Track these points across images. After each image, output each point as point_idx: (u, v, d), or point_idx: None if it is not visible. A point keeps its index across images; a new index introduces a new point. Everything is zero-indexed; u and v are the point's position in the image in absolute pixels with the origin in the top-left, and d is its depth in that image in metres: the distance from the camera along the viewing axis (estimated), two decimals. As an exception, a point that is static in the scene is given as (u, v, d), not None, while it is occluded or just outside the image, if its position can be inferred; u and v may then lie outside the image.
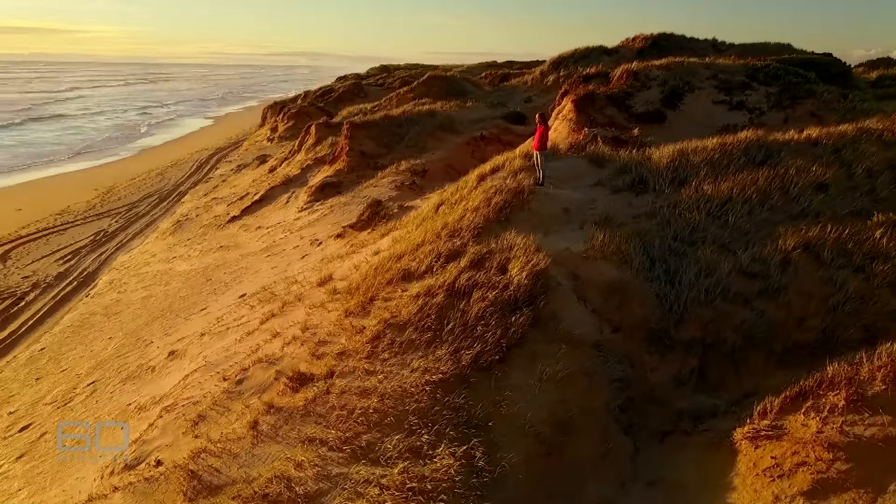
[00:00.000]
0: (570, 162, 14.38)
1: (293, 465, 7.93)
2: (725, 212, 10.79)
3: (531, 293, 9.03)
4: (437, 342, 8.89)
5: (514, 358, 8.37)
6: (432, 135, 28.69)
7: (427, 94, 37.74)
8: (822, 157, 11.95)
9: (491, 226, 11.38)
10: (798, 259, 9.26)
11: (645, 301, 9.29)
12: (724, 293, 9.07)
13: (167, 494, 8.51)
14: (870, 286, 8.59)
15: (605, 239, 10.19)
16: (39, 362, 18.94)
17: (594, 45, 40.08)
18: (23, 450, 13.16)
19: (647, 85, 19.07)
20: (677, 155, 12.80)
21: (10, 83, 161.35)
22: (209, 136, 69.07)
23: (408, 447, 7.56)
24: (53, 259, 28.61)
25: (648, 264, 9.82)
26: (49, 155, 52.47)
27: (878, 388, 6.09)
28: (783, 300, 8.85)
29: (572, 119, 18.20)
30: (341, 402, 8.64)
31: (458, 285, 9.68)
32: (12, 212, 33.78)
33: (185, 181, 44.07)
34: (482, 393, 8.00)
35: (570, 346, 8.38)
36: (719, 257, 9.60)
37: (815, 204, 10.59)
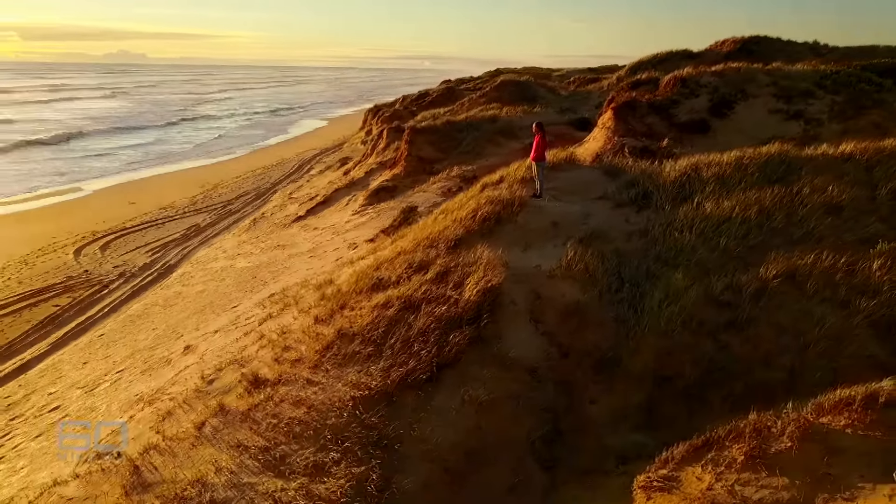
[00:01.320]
0: (583, 173, 13.71)
1: (213, 470, 7.98)
2: (720, 233, 9.89)
3: (478, 311, 8.65)
4: (376, 356, 8.69)
5: (444, 378, 8.04)
6: (491, 140, 28.36)
7: (498, 99, 37.37)
8: (847, 175, 10.71)
9: (472, 238, 11.02)
10: (777, 289, 8.31)
11: (602, 326, 8.66)
12: (686, 322, 8.28)
13: (111, 486, 8.78)
14: (849, 325, 7.56)
15: (575, 257, 9.59)
16: (93, 347, 20.13)
17: (678, 49, 38.24)
18: (43, 430, 14.02)
19: (696, 92, 17.89)
20: (689, 169, 11.89)
21: (168, 85, 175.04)
22: (319, 137, 71.55)
23: (314, 463, 7.42)
24: (144, 251, 30.48)
25: (617, 286, 9.15)
26: (179, 152, 56.35)
27: (783, 446, 5.32)
28: (751, 334, 7.96)
29: (610, 128, 17.39)
30: (276, 411, 8.62)
31: (414, 298, 9.43)
32: (126, 204, 35.90)
33: (282, 180, 45.71)
34: (401, 413, 7.72)
35: (502, 370, 7.95)
36: (692, 283, 8.78)
37: (821, 228, 9.48)
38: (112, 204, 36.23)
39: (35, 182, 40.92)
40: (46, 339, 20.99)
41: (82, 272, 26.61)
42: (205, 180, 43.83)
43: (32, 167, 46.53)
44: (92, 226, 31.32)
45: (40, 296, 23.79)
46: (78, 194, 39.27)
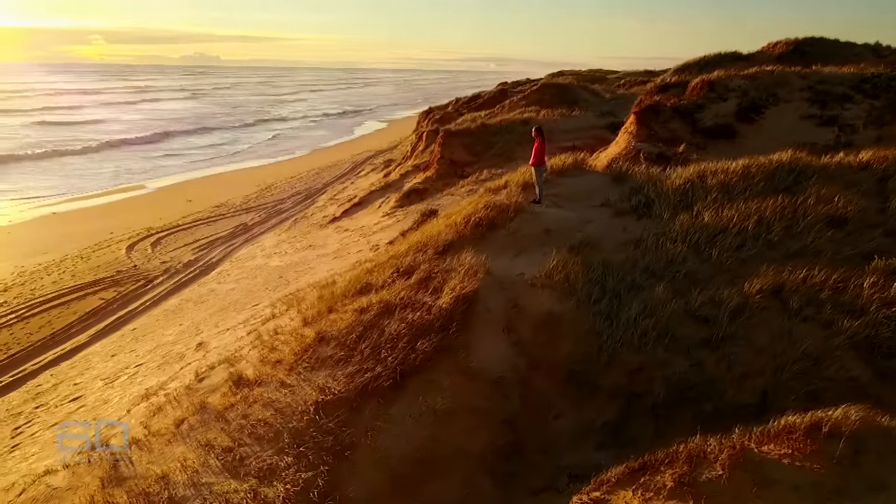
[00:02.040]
0: (590, 179, 13.37)
1: (179, 468, 8.10)
2: (713, 244, 9.46)
3: (449, 319, 8.52)
4: (346, 361, 8.66)
5: (407, 386, 7.94)
6: (523, 143, 27.96)
7: (539, 102, 36.94)
8: (859, 185, 10.10)
9: (463, 243, 10.89)
10: (758, 305, 7.88)
11: (576, 338, 8.38)
12: (661, 337, 7.94)
13: (91, 478, 9.04)
14: (830, 346, 7.09)
15: (557, 266, 9.33)
16: (125, 340, 20.77)
17: (727, 51, 36.86)
18: (60, 419, 14.55)
19: (724, 97, 17.21)
20: (694, 177, 11.44)
21: (244, 87, 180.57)
22: (377, 138, 72.25)
23: (268, 466, 7.45)
24: (191, 247, 31.27)
25: (597, 297, 8.85)
26: (245, 151, 58.05)
27: (714, 474, 5.01)
28: (726, 353, 7.57)
29: (632, 132, 16.94)
30: (247, 412, 8.70)
31: (392, 303, 9.37)
32: (184, 202, 36.82)
33: (333, 181, 46.19)
34: (359, 419, 7.67)
35: (465, 380, 7.80)
36: (672, 296, 8.42)
37: (820, 241, 8.96)
38: (171, 201, 37.33)
39: (110, 180, 42.62)
40: (87, 332, 21.68)
41: (131, 267, 27.39)
42: (261, 179, 44.56)
43: (115, 165, 48.43)
44: (149, 222, 32.22)
45: (89, 289, 24.58)
46: (142, 191, 40.66)
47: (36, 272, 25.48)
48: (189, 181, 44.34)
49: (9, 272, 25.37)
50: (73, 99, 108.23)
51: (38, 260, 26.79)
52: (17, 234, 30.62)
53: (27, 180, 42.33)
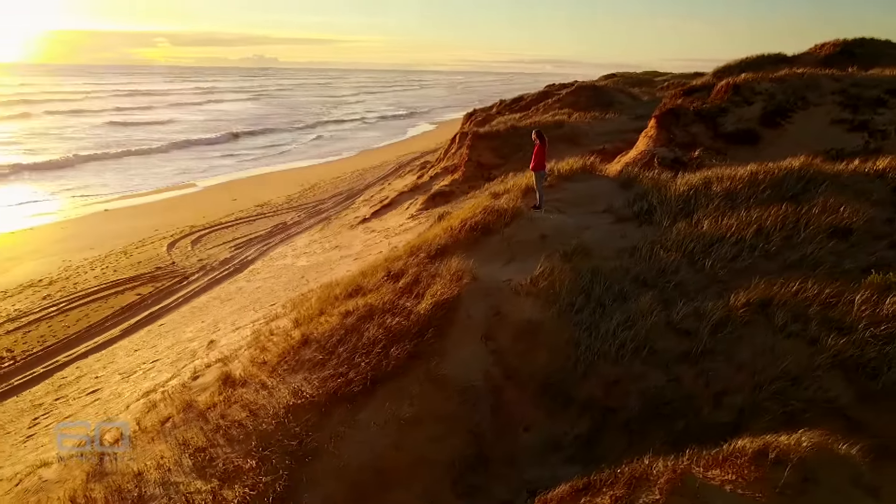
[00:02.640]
0: (597, 184, 13.05)
1: (155, 466, 8.21)
2: (708, 254, 9.09)
3: (426, 325, 8.41)
4: (323, 365, 8.64)
5: (377, 392, 7.86)
6: (551, 146, 27.55)
7: (574, 105, 36.43)
8: (871, 194, 9.57)
9: (456, 247, 10.76)
10: (743, 319, 7.51)
11: (555, 348, 8.16)
12: (639, 350, 7.65)
13: (79, 472, 9.24)
14: (811, 364, 6.70)
15: (544, 273, 9.11)
16: (150, 336, 21.25)
17: (770, 53, 35.63)
18: (75, 411, 14.97)
19: (750, 100, 16.59)
20: (699, 183, 11.04)
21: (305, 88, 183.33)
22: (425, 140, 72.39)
23: (234, 468, 7.47)
24: (229, 246, 31.78)
25: (581, 306, 8.60)
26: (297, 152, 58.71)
27: (651, 498, 4.77)
28: (705, 368, 7.24)
29: (651, 136, 16.50)
30: (226, 412, 8.76)
31: (376, 308, 9.32)
32: (229, 201, 37.35)
33: (376, 182, 46.43)
34: (326, 425, 7.62)
35: (434, 388, 7.66)
36: (656, 307, 8.12)
37: (820, 252, 8.51)
38: (217, 200, 37.93)
39: (167, 179, 43.60)
40: (119, 326, 22.20)
41: (169, 264, 27.94)
42: (306, 180, 44.88)
43: (176, 165, 49.46)
44: (192, 220, 32.78)
45: (127, 284, 25.17)
46: (192, 190, 41.46)
47: (81, 267, 26.12)
48: (237, 180, 44.99)
49: (56, 266, 26.07)
50: (141, 100, 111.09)
51: (84, 255, 27.47)
52: (71, 230, 31.51)
53: (91, 178, 43.50)
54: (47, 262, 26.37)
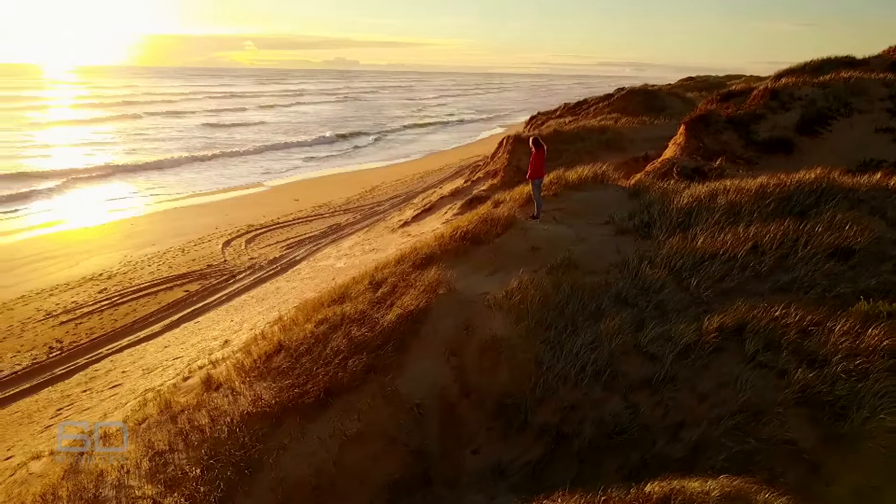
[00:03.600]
0: (606, 193, 12.49)
1: (117, 467, 8.29)
2: (696, 272, 8.51)
3: (388, 337, 8.18)
4: (288, 373, 8.54)
5: (332, 404, 7.69)
6: (592, 152, 26.87)
7: (623, 109, 35.38)
8: (886, 210, 8.74)
9: (444, 257, 10.50)
10: (712, 345, 6.94)
11: (518, 366, 7.77)
12: (599, 373, 7.19)
13: (59, 469, 9.47)
14: (775, 399, 6.10)
15: (519, 287, 8.74)
16: (183, 333, 21.68)
17: (837, 56, 33.53)
18: (94, 404, 15.44)
19: (788, 106, 15.58)
20: (705, 195, 10.39)
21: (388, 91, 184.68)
22: (492, 143, 71.77)
23: (181, 475, 7.45)
24: (281, 245, 32.20)
25: (552, 323, 8.18)
26: (366, 154, 58.81)
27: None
28: (666, 397, 6.72)
29: (680, 144, 15.74)
30: (193, 416, 8.77)
31: (348, 317, 9.17)
32: (290, 201, 37.50)
33: (434, 185, 46.23)
34: (275, 436, 7.50)
35: (385, 403, 7.43)
36: (627, 328, 7.63)
37: (814, 274, 7.80)
38: (279, 200, 38.19)
39: (247, 179, 44.49)
40: (162, 322, 22.75)
41: (221, 262, 28.43)
42: (369, 181, 44.72)
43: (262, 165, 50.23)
44: (252, 219, 33.03)
45: (178, 281, 25.75)
46: (259, 189, 41.98)
47: (140, 262, 26.74)
48: (304, 181, 45.29)
49: (117, 261, 26.78)
50: (232, 102, 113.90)
51: (145, 251, 28.19)
52: (139, 227, 32.45)
53: (174, 178, 44.76)
54: (112, 256, 27.13)
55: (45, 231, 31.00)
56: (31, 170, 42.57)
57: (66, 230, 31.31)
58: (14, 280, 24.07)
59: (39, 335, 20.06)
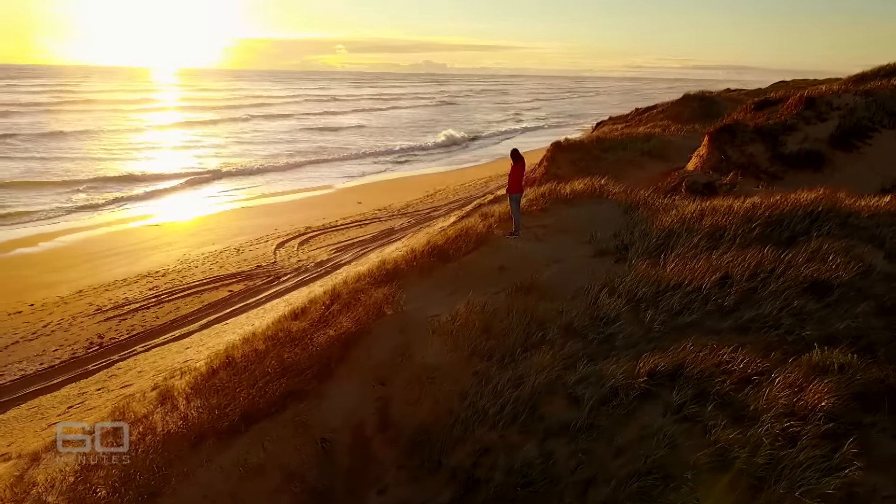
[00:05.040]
0: (599, 209, 11.64)
1: (58, 476, 8.23)
2: (655, 303, 7.69)
3: (316, 361, 7.77)
4: (223, 391, 8.27)
5: (246, 431, 7.36)
6: (633, 161, 25.64)
7: (677, 116, 33.68)
8: (885, 240, 7.65)
9: (407, 274, 10.05)
10: (640, 391, 6.16)
11: (443, 400, 7.19)
12: (519, 414, 6.53)
13: (13, 470, 9.53)
14: (688, 462, 5.29)
15: (464, 312, 8.14)
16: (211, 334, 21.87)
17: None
18: (100, 404, 15.72)
19: (824, 116, 14.20)
20: (692, 215, 9.47)
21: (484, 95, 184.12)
22: None
23: (90, 495, 7.34)
24: (331, 248, 32.17)
25: (489, 353, 7.55)
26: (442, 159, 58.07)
27: None
28: (581, 447, 5.99)
29: (703, 156, 14.65)
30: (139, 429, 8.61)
31: (291, 335, 8.84)
32: (353, 204, 37.28)
33: (495, 190, 45.63)
34: (186, 460, 7.23)
35: (293, 434, 7.02)
36: (559, 364, 6.92)
37: (781, 313, 6.87)
38: (343, 202, 38.10)
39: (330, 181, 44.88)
40: (199, 321, 23.04)
41: (270, 263, 28.59)
42: (434, 185, 44.26)
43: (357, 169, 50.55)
44: (312, 221, 32.95)
45: (225, 281, 25.99)
46: (327, 191, 42.06)
47: (195, 261, 26.91)
48: (371, 183, 45.16)
49: (175, 259, 27.04)
50: (332, 105, 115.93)
51: (203, 250, 28.49)
52: (206, 225, 32.86)
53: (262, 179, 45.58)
54: (171, 254, 27.30)
55: (118, 228, 31.75)
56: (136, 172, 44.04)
57: (137, 227, 32.05)
58: (78, 274, 24.64)
59: (85, 330, 20.36)
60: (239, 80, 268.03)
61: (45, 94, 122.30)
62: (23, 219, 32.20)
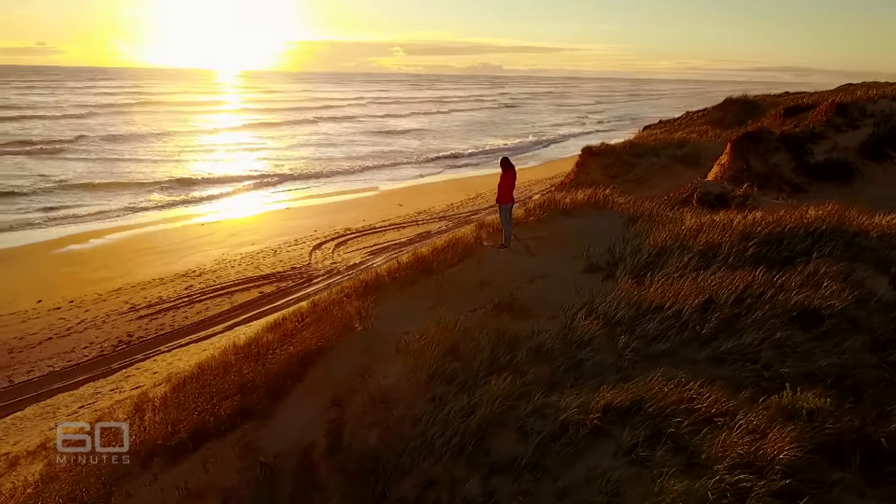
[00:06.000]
0: (602, 220, 11.05)
1: (21, 482, 8.17)
2: (631, 328, 7.12)
3: (272, 378, 7.47)
4: (184, 406, 8.07)
5: (199, 451, 7.09)
6: (665, 167, 24.67)
7: (719, 121, 32.33)
8: (892, 263, 6.90)
9: (388, 287, 9.69)
10: (592, 426, 5.63)
11: (395, 426, 6.78)
12: (466, 447, 6.07)
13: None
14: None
15: (429, 330, 7.72)
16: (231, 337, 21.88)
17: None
18: (110, 405, 15.83)
19: (857, 123, 13.22)
20: (689, 231, 8.83)
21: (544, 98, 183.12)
22: None
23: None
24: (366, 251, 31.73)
25: (450, 377, 7.10)
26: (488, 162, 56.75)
27: None
28: (525, 487, 5.51)
29: (724, 165, 13.86)
30: (107, 437, 8.48)
31: (262, 347, 8.56)
32: (394, 206, 37.12)
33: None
34: (133, 479, 7.02)
35: (238, 455, 6.73)
36: (516, 392, 6.44)
37: (761, 344, 6.23)
38: (385, 204, 37.87)
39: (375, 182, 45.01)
40: (225, 323, 23.10)
41: (305, 265, 28.44)
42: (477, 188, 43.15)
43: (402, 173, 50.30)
44: (351, 223, 32.80)
45: (257, 282, 25.89)
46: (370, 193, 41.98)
47: (232, 261, 26.50)
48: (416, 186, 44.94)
49: (213, 258, 26.71)
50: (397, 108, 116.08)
51: (242, 250, 28.30)
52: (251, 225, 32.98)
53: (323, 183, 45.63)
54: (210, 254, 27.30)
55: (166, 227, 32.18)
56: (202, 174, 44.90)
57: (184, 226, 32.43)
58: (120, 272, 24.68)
59: (116, 328, 20.45)
60: (301, 82, 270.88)
61: (120, 95, 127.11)
62: (86, 218, 32.94)
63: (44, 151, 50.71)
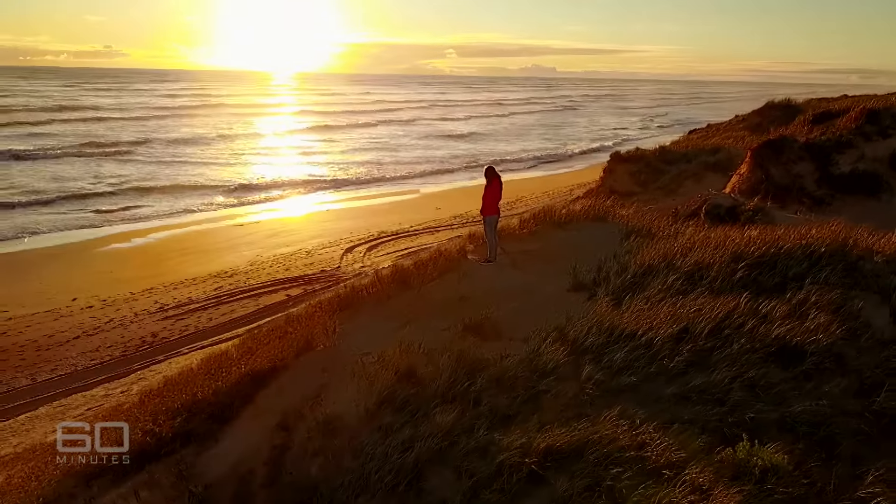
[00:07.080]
0: (599, 233, 10.42)
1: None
2: (598, 357, 6.53)
3: (220, 399, 7.14)
4: (139, 422, 7.79)
5: (134, 471, 6.81)
6: (696, 174, 23.62)
7: (757, 126, 30.84)
8: (892, 290, 6.15)
9: (367, 300, 9.27)
10: (528, 471, 5.09)
11: (333, 458, 6.35)
12: (399, 484, 5.60)
13: None
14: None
15: (391, 353, 7.27)
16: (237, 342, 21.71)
17: None
18: (110, 407, 15.89)
19: (889, 131, 12.20)
20: (680, 250, 8.15)
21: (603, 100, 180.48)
22: None
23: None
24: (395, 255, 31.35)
25: (401, 406, 6.65)
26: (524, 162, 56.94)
27: None
28: (453, 535, 5.02)
29: (743, 174, 13.01)
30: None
31: (223, 364, 8.25)
32: (433, 209, 36.68)
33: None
34: (77, 498, 6.76)
35: (172, 482, 6.38)
36: (462, 426, 5.93)
37: (732, 383, 5.57)
38: (423, 207, 37.53)
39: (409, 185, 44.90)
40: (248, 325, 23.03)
41: (334, 268, 28.21)
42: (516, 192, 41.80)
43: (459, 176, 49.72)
44: (386, 226, 32.48)
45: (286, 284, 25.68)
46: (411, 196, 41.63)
47: (265, 262, 26.30)
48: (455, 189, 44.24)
49: (247, 260, 26.55)
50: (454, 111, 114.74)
51: (276, 251, 27.93)
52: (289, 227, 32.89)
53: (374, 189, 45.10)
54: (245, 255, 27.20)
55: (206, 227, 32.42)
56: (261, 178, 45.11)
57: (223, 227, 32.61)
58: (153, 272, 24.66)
59: (143, 328, 20.39)
60: (358, 84, 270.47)
61: (183, 97, 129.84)
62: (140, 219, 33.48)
63: (106, 154, 51.50)
